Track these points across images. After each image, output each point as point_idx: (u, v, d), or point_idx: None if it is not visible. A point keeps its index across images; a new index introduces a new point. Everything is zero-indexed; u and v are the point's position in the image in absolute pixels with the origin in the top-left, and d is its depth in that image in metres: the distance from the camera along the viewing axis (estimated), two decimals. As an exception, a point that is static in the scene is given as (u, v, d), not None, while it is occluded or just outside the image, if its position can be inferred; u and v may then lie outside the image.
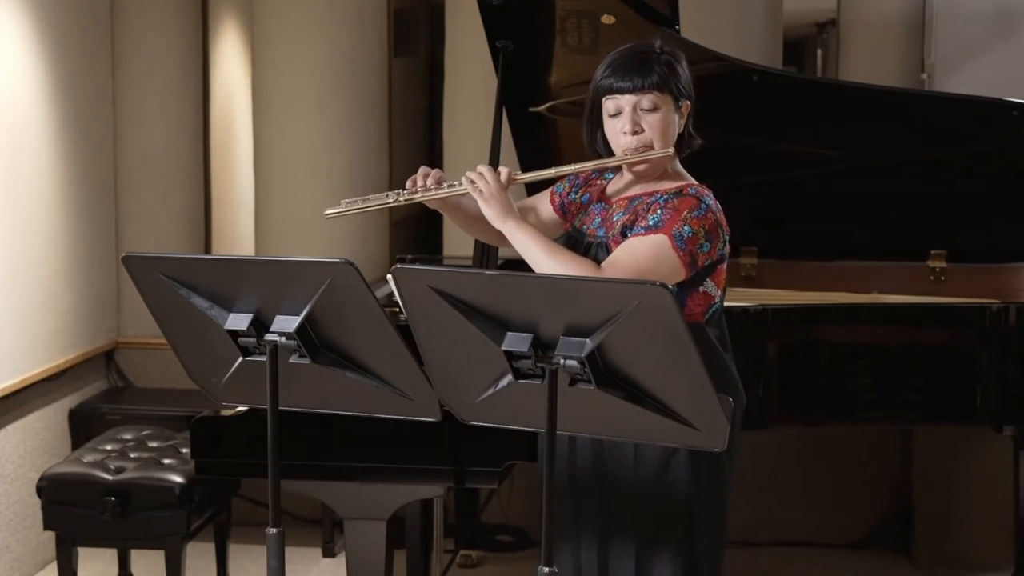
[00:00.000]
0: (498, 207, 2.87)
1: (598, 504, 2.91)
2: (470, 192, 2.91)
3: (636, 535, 2.88)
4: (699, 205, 2.83)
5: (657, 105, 2.84)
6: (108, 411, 4.82)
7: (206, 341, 2.63)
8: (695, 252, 2.79)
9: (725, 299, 2.97)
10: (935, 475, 4.78)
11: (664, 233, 2.79)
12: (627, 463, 2.87)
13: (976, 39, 5.14)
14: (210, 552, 4.25)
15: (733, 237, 2.91)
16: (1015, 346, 3.77)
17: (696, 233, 2.79)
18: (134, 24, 5.12)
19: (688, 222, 2.80)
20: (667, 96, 2.85)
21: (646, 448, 2.84)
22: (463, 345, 2.41)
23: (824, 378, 3.82)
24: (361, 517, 3.21)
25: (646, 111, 2.85)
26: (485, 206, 2.88)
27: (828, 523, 4.93)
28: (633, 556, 2.88)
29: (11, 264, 4.44)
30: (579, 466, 2.92)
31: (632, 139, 2.86)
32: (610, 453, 2.89)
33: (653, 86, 2.83)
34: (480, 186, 2.89)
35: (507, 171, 2.91)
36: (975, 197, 4.19)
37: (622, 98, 2.85)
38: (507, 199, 2.88)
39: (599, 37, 3.88)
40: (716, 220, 2.84)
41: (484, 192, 2.88)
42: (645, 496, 2.87)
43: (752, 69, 4.10)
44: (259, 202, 5.23)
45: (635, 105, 2.84)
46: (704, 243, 2.80)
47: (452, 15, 5.18)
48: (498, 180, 2.88)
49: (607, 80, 2.87)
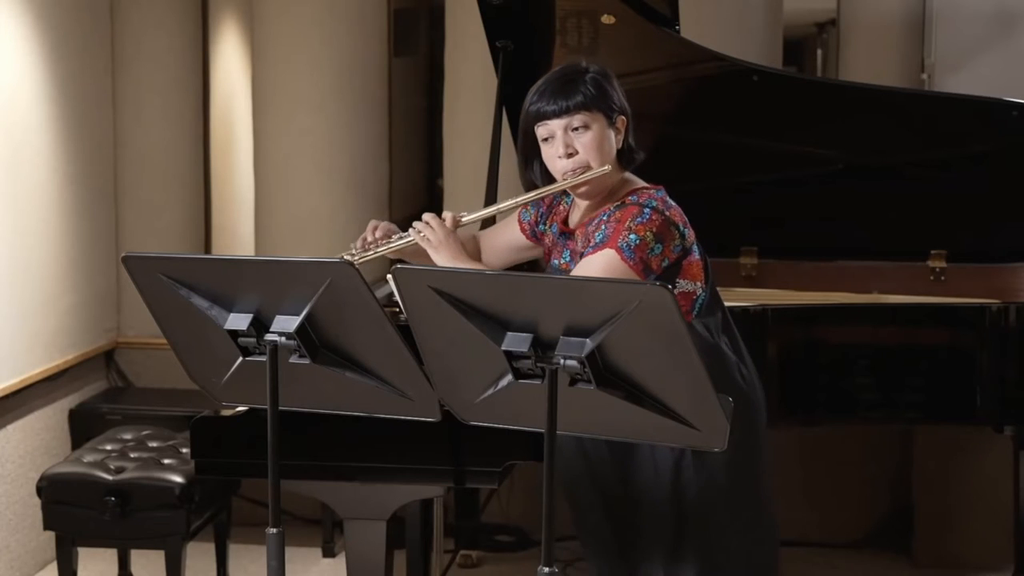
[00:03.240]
0: (447, 252, 2.92)
1: (626, 515, 2.94)
2: (418, 242, 2.94)
3: (658, 541, 2.90)
4: (641, 212, 2.82)
5: (588, 124, 2.84)
6: (108, 411, 4.82)
7: (206, 341, 2.63)
8: (646, 258, 2.79)
9: (725, 299, 2.97)
10: (935, 475, 4.78)
11: (610, 247, 2.80)
12: (647, 468, 2.89)
13: (976, 39, 5.13)
14: (210, 552, 4.25)
15: (733, 237, 2.91)
16: (1015, 346, 3.77)
17: (643, 239, 2.79)
18: (134, 24, 5.12)
19: (632, 230, 2.80)
20: (598, 114, 2.85)
21: (660, 450, 2.85)
22: (463, 345, 2.41)
23: (824, 378, 3.83)
24: (361, 517, 3.21)
25: (577, 131, 2.84)
26: (435, 253, 2.94)
27: (828, 523, 4.93)
28: (660, 561, 2.91)
29: (11, 264, 4.44)
30: (598, 471, 2.94)
31: (568, 162, 2.86)
32: (629, 459, 2.90)
33: (580, 106, 2.83)
34: (427, 235, 2.94)
35: (451, 216, 2.96)
36: (975, 197, 4.19)
37: (552, 122, 2.85)
38: (455, 243, 2.93)
39: (599, 37, 3.88)
40: (664, 220, 2.83)
41: (432, 240, 2.93)
42: (664, 500, 2.88)
43: (752, 69, 4.10)
44: (259, 202, 5.23)
45: (566, 127, 2.85)
46: (654, 246, 2.80)
47: (452, 15, 5.18)
48: (443, 226, 2.93)
49: (535, 106, 2.87)
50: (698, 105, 4.14)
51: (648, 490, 2.90)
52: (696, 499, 2.88)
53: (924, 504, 4.80)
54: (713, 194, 2.95)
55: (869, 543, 4.92)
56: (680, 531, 2.90)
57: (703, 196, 2.90)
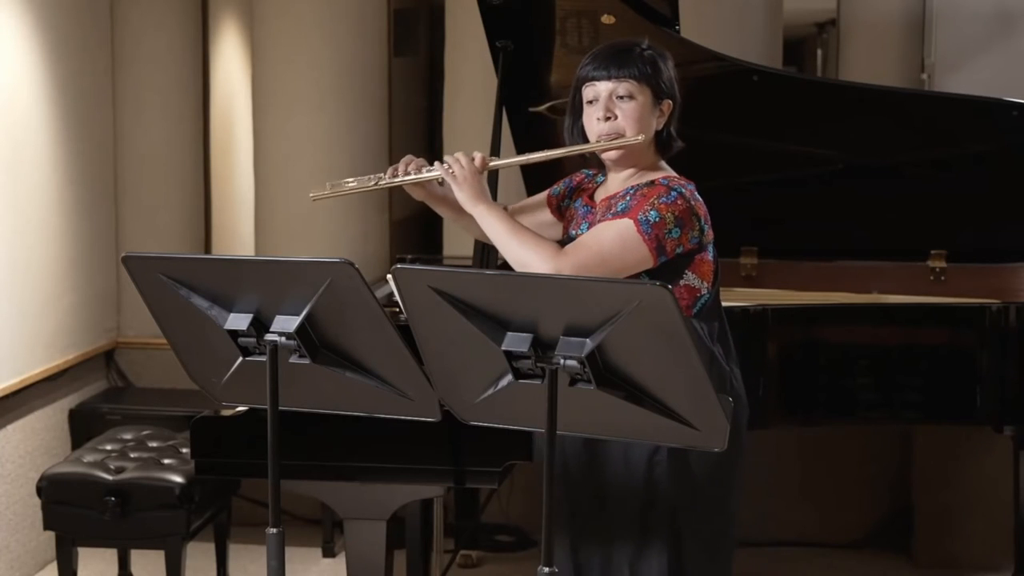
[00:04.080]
0: (470, 190, 2.92)
1: (590, 502, 2.93)
2: (444, 176, 2.94)
3: (625, 533, 2.89)
4: (668, 192, 2.84)
5: (633, 95, 2.87)
6: (108, 411, 4.82)
7: (206, 341, 2.63)
8: (661, 237, 2.79)
9: (725, 299, 2.97)
10: (935, 475, 4.78)
11: (630, 217, 2.81)
12: (617, 460, 2.88)
13: (976, 39, 5.14)
14: (210, 552, 4.25)
15: (733, 237, 2.91)
16: (1015, 346, 3.77)
17: (663, 218, 2.80)
18: (134, 24, 5.12)
19: (655, 207, 2.81)
20: (645, 88, 2.88)
21: (634, 446, 2.85)
22: (463, 345, 2.41)
23: (824, 378, 3.82)
24: (361, 517, 3.21)
25: (622, 99, 2.88)
26: (458, 189, 2.94)
27: (828, 523, 4.93)
28: (624, 554, 2.90)
29: (11, 264, 4.44)
30: (572, 464, 2.93)
31: (604, 125, 2.89)
32: (601, 450, 2.90)
33: (631, 75, 2.87)
34: (454, 170, 2.94)
35: (480, 156, 2.97)
36: (975, 197, 4.19)
37: (599, 85, 2.89)
38: (480, 183, 2.94)
39: (599, 37, 3.88)
40: (689, 208, 2.83)
41: (458, 176, 2.93)
42: (633, 494, 2.88)
43: (752, 69, 4.10)
44: (259, 202, 5.23)
45: (611, 93, 2.88)
46: (672, 228, 2.80)
47: (452, 15, 5.18)
48: (472, 165, 2.94)
49: (586, 68, 2.92)
50: (698, 105, 4.11)
51: (616, 483, 2.89)
52: (667, 496, 2.87)
53: (924, 504, 4.80)
54: (713, 194, 2.95)
55: (869, 543, 4.92)
56: (647, 526, 2.89)
57: (703, 196, 2.90)
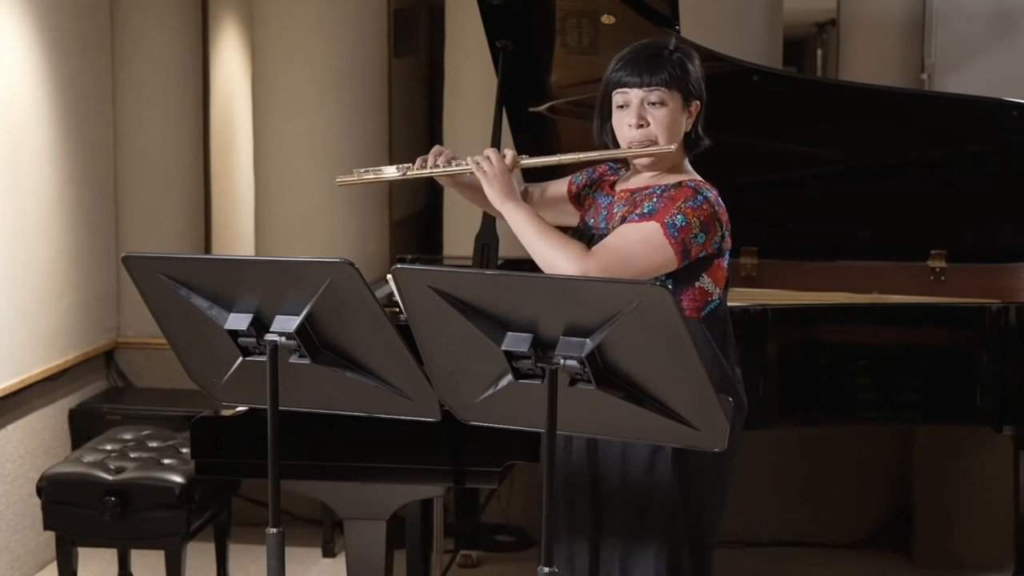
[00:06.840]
0: (500, 187, 2.94)
1: (589, 500, 2.93)
2: (475, 173, 2.96)
3: (623, 532, 2.89)
4: (695, 196, 2.85)
5: (664, 101, 2.88)
6: (108, 411, 4.82)
7: (206, 341, 2.63)
8: (687, 241, 2.80)
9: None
10: (935, 475, 4.78)
11: (657, 220, 2.81)
12: (615, 460, 2.88)
13: (976, 39, 5.14)
14: (210, 552, 4.25)
15: (733, 237, 2.91)
16: (1015, 346, 3.77)
17: (690, 222, 2.81)
18: (134, 24, 5.12)
19: (682, 211, 2.81)
20: (675, 94, 2.89)
21: (634, 445, 2.85)
22: (463, 345, 2.41)
23: (824, 378, 3.82)
24: (361, 517, 3.21)
25: (653, 105, 2.88)
26: (488, 187, 2.95)
27: (828, 523, 4.93)
28: (619, 552, 2.90)
29: (11, 264, 4.44)
30: (572, 463, 2.93)
31: (637, 132, 2.90)
32: (601, 450, 2.90)
33: (662, 82, 2.87)
34: (484, 167, 2.96)
35: (511, 154, 2.99)
36: (975, 197, 4.19)
37: (630, 92, 2.89)
38: (509, 181, 2.96)
39: (599, 37, 3.88)
40: (713, 212, 2.85)
41: (488, 173, 2.95)
42: (632, 493, 2.88)
43: (752, 69, 4.10)
44: (259, 202, 5.23)
45: (643, 99, 2.89)
46: (698, 233, 2.81)
47: (452, 15, 5.18)
48: (502, 162, 2.95)
49: (617, 73, 2.92)
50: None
51: (615, 482, 2.89)
52: (666, 496, 2.87)
53: (924, 504, 4.80)
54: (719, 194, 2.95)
55: (869, 543, 4.92)
56: (645, 525, 2.89)
57: (705, 196, 2.91)
